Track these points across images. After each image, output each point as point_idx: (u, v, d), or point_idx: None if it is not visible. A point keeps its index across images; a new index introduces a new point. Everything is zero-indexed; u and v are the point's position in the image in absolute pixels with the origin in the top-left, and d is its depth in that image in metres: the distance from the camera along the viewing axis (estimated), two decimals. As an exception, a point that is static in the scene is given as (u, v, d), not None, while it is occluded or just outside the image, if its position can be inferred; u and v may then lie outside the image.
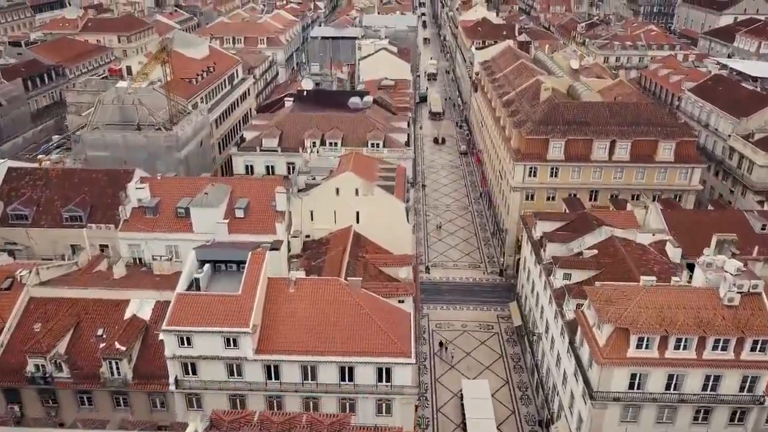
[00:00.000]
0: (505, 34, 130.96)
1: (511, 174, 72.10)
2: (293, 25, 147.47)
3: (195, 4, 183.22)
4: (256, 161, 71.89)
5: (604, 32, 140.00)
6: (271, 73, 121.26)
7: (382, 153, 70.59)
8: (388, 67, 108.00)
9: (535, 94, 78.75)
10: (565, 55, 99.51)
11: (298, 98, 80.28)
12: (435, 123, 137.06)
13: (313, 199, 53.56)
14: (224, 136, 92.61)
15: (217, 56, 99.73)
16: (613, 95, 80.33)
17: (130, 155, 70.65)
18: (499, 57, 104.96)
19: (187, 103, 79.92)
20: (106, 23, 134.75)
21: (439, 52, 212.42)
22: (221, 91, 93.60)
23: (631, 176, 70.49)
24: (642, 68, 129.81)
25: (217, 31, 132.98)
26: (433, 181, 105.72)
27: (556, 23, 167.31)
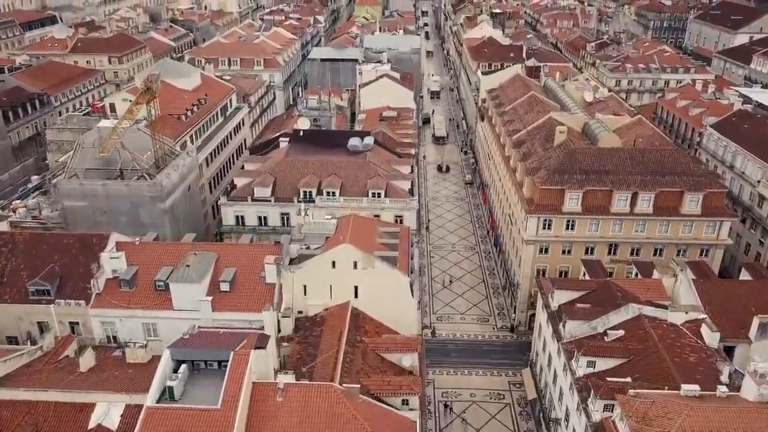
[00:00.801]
0: (513, 56, 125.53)
1: (524, 225, 66.54)
2: (292, 44, 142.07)
3: (191, 18, 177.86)
4: (247, 211, 66.51)
5: (615, 53, 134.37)
6: (268, 98, 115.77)
7: (383, 204, 65.14)
8: (390, 95, 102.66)
9: (548, 134, 73.24)
10: (578, 85, 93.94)
11: (293, 138, 74.76)
12: (438, 148, 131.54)
13: (307, 273, 48.03)
14: (217, 172, 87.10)
15: (209, 85, 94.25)
16: (631, 135, 74.76)
17: (111, 205, 65.28)
18: (508, 86, 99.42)
19: (175, 144, 74.46)
20: (97, 43, 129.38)
21: (442, 66, 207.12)
22: (213, 124, 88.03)
23: (653, 229, 64.91)
24: (655, 91, 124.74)
25: (212, 52, 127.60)
26: (437, 216, 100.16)
27: (564, 40, 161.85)
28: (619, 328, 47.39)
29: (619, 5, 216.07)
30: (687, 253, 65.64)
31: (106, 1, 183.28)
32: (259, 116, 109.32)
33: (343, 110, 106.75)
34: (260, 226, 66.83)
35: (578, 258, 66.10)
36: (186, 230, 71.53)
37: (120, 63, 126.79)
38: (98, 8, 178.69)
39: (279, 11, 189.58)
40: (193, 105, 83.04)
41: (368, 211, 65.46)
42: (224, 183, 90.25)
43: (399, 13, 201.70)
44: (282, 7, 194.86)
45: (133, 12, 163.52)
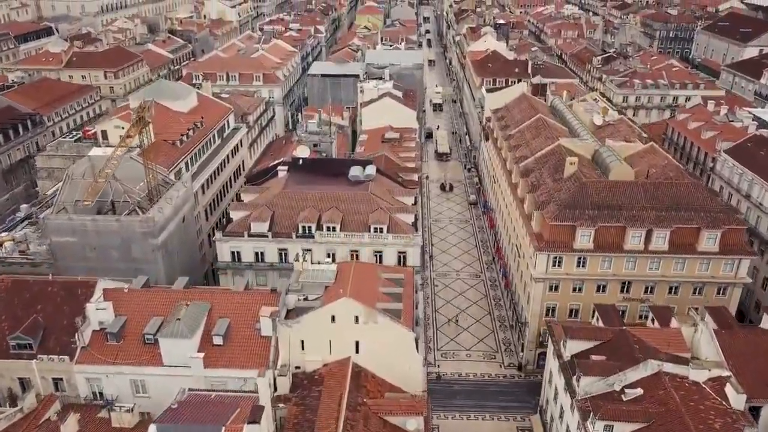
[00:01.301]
0: (518, 72, 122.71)
1: (533, 261, 63.59)
2: (292, 57, 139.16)
3: (190, 28, 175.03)
4: (243, 247, 63.61)
5: (622, 67, 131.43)
6: (268, 116, 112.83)
7: (386, 240, 62.22)
8: (392, 114, 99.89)
9: (557, 163, 70.35)
10: (586, 106, 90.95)
11: (292, 167, 71.84)
12: (441, 164, 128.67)
13: (305, 327, 45.11)
14: (213, 197, 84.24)
15: (206, 106, 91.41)
16: (643, 164, 71.79)
17: (101, 241, 62.48)
18: (513, 106, 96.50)
19: (169, 172, 71.59)
20: (92, 58, 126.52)
21: (445, 76, 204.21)
22: (210, 148, 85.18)
23: (669, 267, 61.96)
24: (663, 107, 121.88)
25: (210, 66, 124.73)
26: (441, 240, 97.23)
27: (569, 52, 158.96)
28: (637, 386, 44.50)
29: (624, 13, 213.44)
30: (704, 291, 62.84)
31: (104, 10, 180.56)
32: (258, 135, 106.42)
33: (344, 129, 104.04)
34: (257, 262, 63.95)
35: (589, 296, 63.39)
36: (181, 263, 68.97)
37: (116, 78, 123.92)
38: (96, 18, 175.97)
39: (279, 20, 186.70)
40: (189, 130, 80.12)
41: (370, 247, 62.72)
42: (221, 207, 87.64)
43: (401, 22, 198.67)
44: (282, 16, 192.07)
45: (131, 23, 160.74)
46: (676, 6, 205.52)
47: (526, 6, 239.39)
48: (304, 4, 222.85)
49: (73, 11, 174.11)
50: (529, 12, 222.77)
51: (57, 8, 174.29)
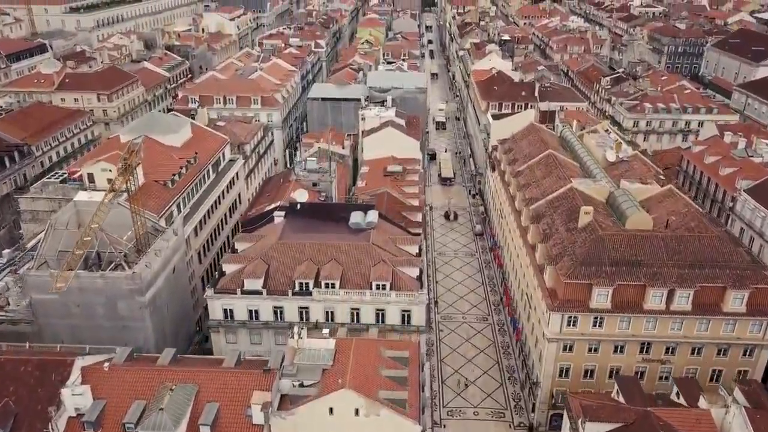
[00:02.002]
0: (524, 95, 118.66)
1: (545, 319, 59.53)
2: (291, 77, 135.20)
3: (188, 43, 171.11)
4: (236, 305, 59.61)
5: (631, 88, 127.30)
6: (266, 142, 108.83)
7: (389, 298, 58.20)
8: (394, 145, 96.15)
9: (570, 209, 66.29)
10: (598, 140, 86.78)
11: (290, 211, 67.82)
12: (445, 189, 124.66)
13: (300, 419, 41.07)
14: (207, 238, 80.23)
15: (200, 137, 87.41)
16: (662, 209, 67.64)
17: (85, 299, 58.63)
18: (521, 138, 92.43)
19: (159, 218, 67.62)
20: (85, 79, 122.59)
21: (448, 90, 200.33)
22: (204, 184, 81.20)
23: (691, 328, 57.91)
24: (675, 132, 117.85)
25: (206, 88, 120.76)
26: (446, 276, 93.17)
27: (576, 69, 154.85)
28: (665, 483, 40.50)
29: (631, 25, 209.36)
30: (729, 353, 58.85)
31: (100, 25, 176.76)
32: (255, 164, 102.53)
33: (344, 159, 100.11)
34: (251, 320, 59.94)
35: (606, 356, 59.64)
36: (171, 315, 65.10)
37: (109, 101, 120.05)
38: (91, 33, 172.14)
39: (279, 34, 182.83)
40: (181, 168, 76.09)
41: (372, 305, 58.74)
42: (216, 247, 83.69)
43: (402, 36, 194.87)
44: (282, 30, 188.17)
45: (127, 39, 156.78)
46: (684, 19, 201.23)
47: (530, 17, 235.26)
48: (305, 16, 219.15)
49: (68, 26, 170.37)
50: (534, 24, 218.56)
51: (52, 23, 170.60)
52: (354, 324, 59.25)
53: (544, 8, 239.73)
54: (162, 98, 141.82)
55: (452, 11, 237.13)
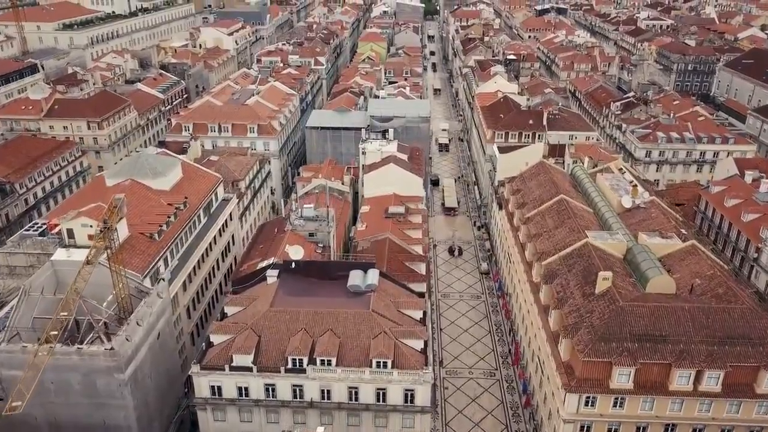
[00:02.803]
0: (532, 124, 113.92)
1: (560, 397, 54.67)
2: (289, 101, 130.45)
3: (184, 61, 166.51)
4: (224, 382, 54.79)
5: (643, 115, 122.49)
6: (262, 175, 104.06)
7: (390, 376, 53.41)
8: (396, 182, 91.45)
9: (586, 270, 61.48)
10: (612, 181, 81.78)
11: (284, 271, 63.01)
12: (449, 220, 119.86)
13: None
14: (198, 290, 75.46)
15: (191, 177, 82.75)
16: (684, 269, 62.77)
17: (60, 376, 53.90)
18: (530, 177, 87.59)
19: (144, 276, 62.88)
20: (75, 105, 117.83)
21: (451, 107, 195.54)
22: (194, 231, 76.50)
23: (721, 410, 53.09)
24: (689, 162, 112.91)
25: (201, 115, 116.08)
26: (450, 323, 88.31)
27: (584, 90, 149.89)
28: None
29: (638, 40, 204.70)
30: (761, 436, 53.98)
31: (94, 42, 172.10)
32: (251, 200, 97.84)
33: (344, 195, 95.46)
34: (240, 398, 55.14)
35: (627, 438, 54.63)
36: (156, 382, 60.37)
37: (99, 128, 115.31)
38: (85, 50, 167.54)
39: (278, 51, 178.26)
40: (169, 217, 71.33)
41: (372, 384, 53.94)
42: (207, 297, 78.93)
43: (405, 51, 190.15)
44: (281, 46, 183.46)
45: (121, 58, 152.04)
46: (693, 35, 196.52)
47: (535, 30, 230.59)
48: (305, 30, 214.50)
49: (61, 44, 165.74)
50: (539, 38, 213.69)
51: (44, 40, 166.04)
52: (352, 403, 54.53)
53: (549, 21, 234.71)
54: (156, 121, 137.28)
55: (455, 24, 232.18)
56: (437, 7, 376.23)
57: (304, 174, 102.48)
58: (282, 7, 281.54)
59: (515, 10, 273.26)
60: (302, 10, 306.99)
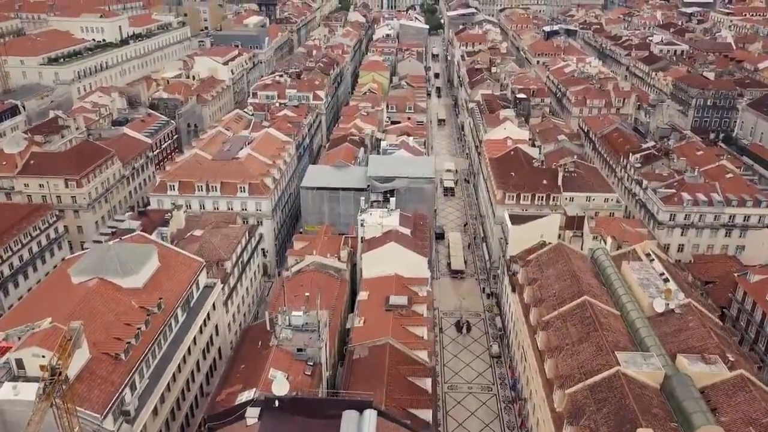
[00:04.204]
0: (546, 184, 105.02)
1: None
2: (285, 150, 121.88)
3: (175, 97, 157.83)
4: None
5: (665, 170, 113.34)
6: (252, 245, 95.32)
7: None
8: (398, 262, 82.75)
9: (620, 410, 52.65)
10: (641, 275, 72.70)
11: (266, 408, 54.20)
12: (456, 284, 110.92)
13: None
14: (173, 406, 66.72)
15: (170, 266, 74.15)
16: (734, 409, 53.87)
17: None
18: (547, 264, 78.69)
19: (105, 415, 54.09)
20: (52, 161, 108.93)
21: (456, 141, 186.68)
22: (170, 335, 67.87)
23: None
24: (717, 227, 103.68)
25: (188, 173, 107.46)
26: (459, 426, 79.29)
27: (598, 132, 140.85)
28: None
29: (653, 68, 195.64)
30: None
31: (81, 76, 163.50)
32: (239, 278, 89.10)
33: (341, 274, 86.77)
34: None
35: None
36: None
37: (78, 186, 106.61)
38: (71, 85, 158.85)
39: (275, 83, 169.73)
40: (139, 328, 62.63)
41: None
42: (184, 409, 70.19)
43: (408, 82, 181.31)
44: (278, 78, 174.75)
45: (108, 97, 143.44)
46: (711, 64, 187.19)
47: (544, 55, 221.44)
48: (305, 57, 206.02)
49: (46, 79, 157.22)
50: (548, 65, 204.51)
51: (28, 75, 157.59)
52: None
53: (558, 45, 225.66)
54: (144, 168, 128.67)
55: (461, 48, 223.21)
56: (441, 21, 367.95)
57: (297, 245, 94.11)
58: (282, 26, 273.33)
59: (522, 30, 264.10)
60: (303, 28, 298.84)
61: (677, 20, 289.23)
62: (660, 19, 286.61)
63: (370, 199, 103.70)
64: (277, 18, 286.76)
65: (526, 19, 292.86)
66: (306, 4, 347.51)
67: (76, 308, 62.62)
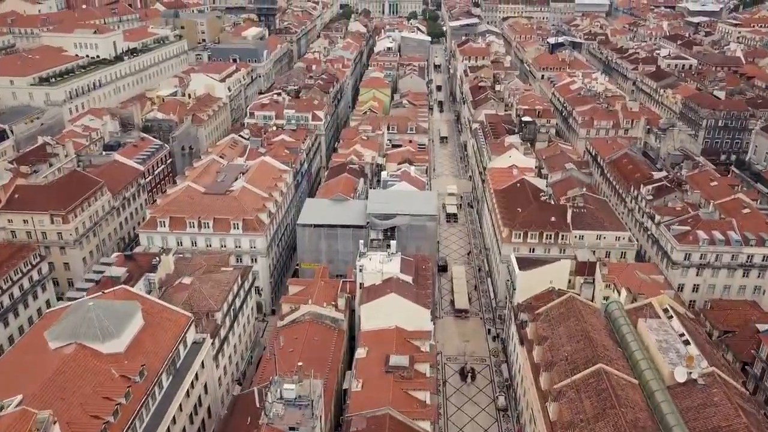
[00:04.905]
0: (554, 221, 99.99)
1: None
2: (281, 179, 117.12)
3: (170, 118, 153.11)
4: None
5: (678, 203, 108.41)
6: (245, 288, 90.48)
7: None
8: (399, 314, 77.85)
9: None
10: (659, 336, 67.77)
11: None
12: (459, 323, 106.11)
13: None
14: (155, 479, 61.95)
15: (155, 323, 69.33)
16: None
17: None
18: (558, 320, 73.74)
19: None
20: (38, 195, 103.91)
21: (459, 160, 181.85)
22: (153, 404, 63.12)
23: None
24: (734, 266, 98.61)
25: (179, 208, 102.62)
26: (463, 489, 74.66)
27: (606, 158, 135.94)
28: None
29: (660, 85, 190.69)
30: None
31: (73, 95, 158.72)
32: (231, 327, 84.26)
33: (338, 324, 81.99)
34: None
35: None
36: None
37: (65, 222, 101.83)
38: (63, 106, 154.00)
39: (273, 103, 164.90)
40: (119, 403, 57.82)
41: None
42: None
43: (409, 101, 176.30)
44: (276, 97, 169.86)
45: (99, 121, 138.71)
46: (721, 82, 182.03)
47: (548, 69, 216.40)
48: (304, 72, 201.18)
49: (37, 100, 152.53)
50: (554, 80, 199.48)
51: (18, 96, 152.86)
52: None
53: (563, 59, 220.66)
54: (135, 197, 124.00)
55: (464, 63, 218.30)
56: (443, 29, 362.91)
57: (292, 289, 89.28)
58: (281, 36, 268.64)
59: (526, 42, 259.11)
60: (303, 38, 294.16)
61: (684, 31, 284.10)
62: (667, 30, 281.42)
63: (370, 237, 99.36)
64: (276, 28, 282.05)
65: (530, 29, 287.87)
66: (306, 12, 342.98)
67: (51, 382, 58.01)
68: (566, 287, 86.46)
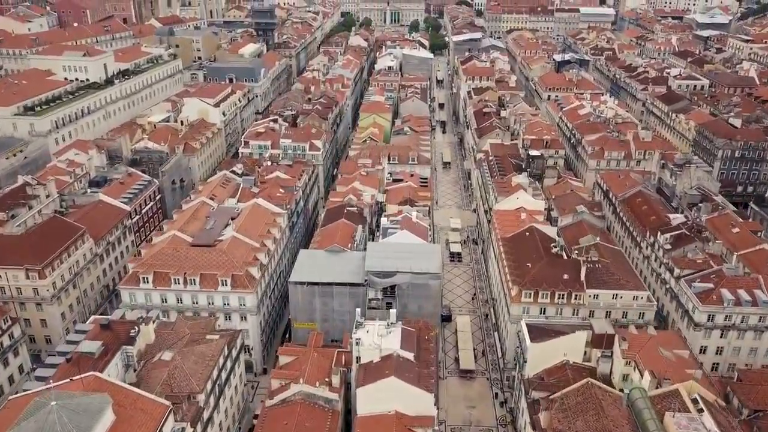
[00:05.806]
0: (567, 279, 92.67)
1: None
2: (275, 224, 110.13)
3: (160, 148, 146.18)
4: None
5: (699, 255, 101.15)
6: (232, 357, 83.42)
7: None
8: (400, 398, 70.89)
9: None
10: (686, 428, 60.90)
11: None
12: (465, 386, 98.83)
13: None
14: None
15: (128, 417, 62.50)
16: None
17: None
18: (576, 411, 66.55)
19: None
20: (13, 247, 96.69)
21: (462, 189, 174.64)
22: None
23: None
24: (762, 329, 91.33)
25: (163, 263, 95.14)
26: None
27: (620, 195, 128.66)
28: None
29: (672, 109, 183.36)
30: None
31: (59, 125, 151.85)
32: (215, 405, 77.23)
33: (332, 404, 74.86)
34: None
35: None
36: None
37: (41, 278, 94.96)
38: (48, 137, 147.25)
39: (269, 131, 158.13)
40: None
41: None
42: None
43: (411, 127, 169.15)
44: (272, 124, 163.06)
45: (85, 155, 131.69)
46: (736, 107, 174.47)
47: (555, 89, 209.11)
48: (302, 95, 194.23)
49: (21, 131, 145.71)
50: (561, 103, 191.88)
51: (1, 127, 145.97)
52: None
53: (570, 79, 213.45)
54: (120, 241, 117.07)
55: (467, 84, 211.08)
56: (446, 39, 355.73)
57: (282, 360, 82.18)
58: (280, 51, 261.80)
59: (531, 58, 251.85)
60: (302, 52, 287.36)
61: (693, 46, 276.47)
62: (676, 45, 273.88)
63: (368, 297, 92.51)
64: (275, 43, 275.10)
65: (535, 44, 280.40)
66: (306, 24, 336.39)
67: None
68: (581, 360, 79.49)
